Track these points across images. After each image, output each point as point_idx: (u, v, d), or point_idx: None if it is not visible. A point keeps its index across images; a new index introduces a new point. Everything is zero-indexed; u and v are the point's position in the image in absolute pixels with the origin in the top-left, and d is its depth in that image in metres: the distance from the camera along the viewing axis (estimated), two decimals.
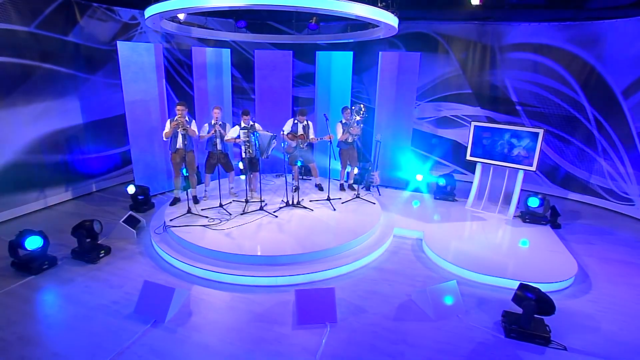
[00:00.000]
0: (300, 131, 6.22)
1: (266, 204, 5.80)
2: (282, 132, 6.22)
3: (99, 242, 4.84)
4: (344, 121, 6.38)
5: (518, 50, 7.48)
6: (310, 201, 6.08)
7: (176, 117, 5.41)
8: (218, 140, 5.78)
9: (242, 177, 7.53)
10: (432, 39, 8.02)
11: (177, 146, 5.59)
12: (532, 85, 7.52)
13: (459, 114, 8.30)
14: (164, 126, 5.64)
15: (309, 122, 6.28)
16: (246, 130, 5.64)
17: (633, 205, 6.69)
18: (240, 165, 7.63)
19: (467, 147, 8.26)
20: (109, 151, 7.38)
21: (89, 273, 4.37)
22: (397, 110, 7.21)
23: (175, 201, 5.90)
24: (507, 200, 6.28)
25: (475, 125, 6.33)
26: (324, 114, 6.03)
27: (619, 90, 6.68)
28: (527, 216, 5.90)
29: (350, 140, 6.42)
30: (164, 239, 4.97)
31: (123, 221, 5.26)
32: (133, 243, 5.12)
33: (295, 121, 6.25)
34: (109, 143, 7.35)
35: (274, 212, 5.58)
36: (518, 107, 7.74)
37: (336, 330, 3.53)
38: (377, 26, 6.30)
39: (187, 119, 5.53)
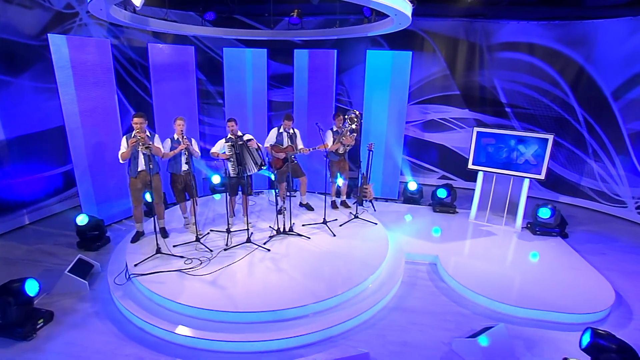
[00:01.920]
0: (286, 142, 5.32)
1: (252, 233, 4.84)
2: (266, 146, 5.28)
3: (34, 304, 3.59)
4: (335, 129, 5.58)
5: (507, 50, 7.15)
6: (303, 225, 5.21)
7: (134, 133, 4.28)
8: (184, 159, 4.69)
9: (216, 196, 6.48)
10: (418, 36, 7.47)
11: (139, 169, 4.44)
12: (521, 86, 7.24)
13: (446, 116, 7.85)
14: (119, 144, 4.44)
15: (296, 130, 5.40)
16: (232, 143, 4.62)
17: (626, 207, 6.62)
18: (216, 180, 6.55)
19: (454, 151, 8.06)
20: (45, 172, 5.92)
21: (20, 357, 3.16)
22: (388, 114, 6.58)
23: (138, 236, 4.73)
24: (511, 210, 5.87)
25: (477, 132, 5.83)
26: (317, 123, 5.18)
27: (608, 91, 6.55)
28: (538, 228, 5.52)
29: (341, 151, 5.65)
30: (129, 291, 3.84)
31: (70, 270, 4.03)
32: (85, 300, 3.92)
33: (280, 130, 5.34)
34: (44, 162, 5.89)
35: (264, 243, 4.64)
36: (507, 109, 7.44)
37: None
38: (370, 20, 5.57)
39: (148, 134, 4.40)
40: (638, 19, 6.06)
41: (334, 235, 4.95)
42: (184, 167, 4.73)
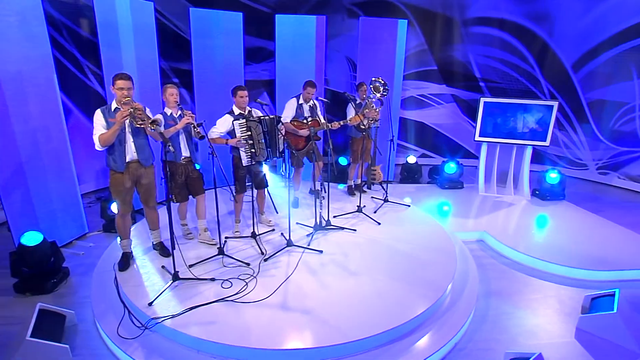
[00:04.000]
0: (307, 115, 4.31)
1: (281, 233, 3.79)
2: (285, 122, 4.20)
3: None
4: (358, 101, 4.78)
5: (480, 24, 7.23)
6: (334, 217, 4.31)
7: (116, 101, 2.86)
8: (184, 140, 3.40)
9: None
10: (396, 8, 7.06)
11: (127, 159, 2.98)
12: (493, 61, 7.41)
13: (424, 92, 7.66)
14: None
15: (316, 101, 4.41)
16: (244, 121, 3.45)
17: (587, 169, 7.31)
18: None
19: (432, 128, 7.93)
20: None
21: None
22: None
23: (127, 260, 3.24)
24: (514, 179, 5.93)
25: (485, 102, 5.67)
26: (345, 92, 4.29)
27: (569, 64, 7.10)
28: (548, 193, 5.63)
29: (365, 125, 4.87)
30: (153, 346, 2.48)
31: (33, 334, 2.45)
32: None
33: (300, 102, 4.32)
34: None
35: (308, 244, 3.64)
36: (481, 84, 7.57)
37: None
38: None
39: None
40: None
41: (379, 224, 4.18)
42: (184, 152, 3.41)
